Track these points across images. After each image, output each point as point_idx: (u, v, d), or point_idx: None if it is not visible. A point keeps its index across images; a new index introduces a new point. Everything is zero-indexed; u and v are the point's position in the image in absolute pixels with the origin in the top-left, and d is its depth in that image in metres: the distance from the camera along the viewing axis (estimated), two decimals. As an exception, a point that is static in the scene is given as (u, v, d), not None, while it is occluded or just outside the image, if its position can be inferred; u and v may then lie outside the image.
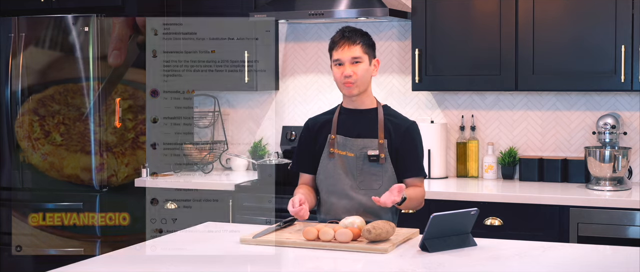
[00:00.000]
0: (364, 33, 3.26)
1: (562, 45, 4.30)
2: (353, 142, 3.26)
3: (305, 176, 3.39)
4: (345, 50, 3.20)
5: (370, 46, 3.26)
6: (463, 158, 4.78)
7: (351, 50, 3.20)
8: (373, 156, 3.23)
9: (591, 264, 2.76)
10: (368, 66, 3.23)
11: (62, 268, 2.64)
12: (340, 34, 3.25)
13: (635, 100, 4.50)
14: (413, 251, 2.87)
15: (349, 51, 3.20)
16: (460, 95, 4.82)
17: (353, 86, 3.22)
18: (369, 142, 3.25)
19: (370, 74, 3.25)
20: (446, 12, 4.50)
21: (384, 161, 3.23)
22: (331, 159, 3.27)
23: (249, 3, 4.87)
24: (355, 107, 3.30)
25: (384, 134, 3.24)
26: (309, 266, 2.78)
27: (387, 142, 3.24)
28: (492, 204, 4.15)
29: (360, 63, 3.21)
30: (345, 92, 3.25)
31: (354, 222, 2.97)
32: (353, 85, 3.21)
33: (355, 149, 3.25)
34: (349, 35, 3.22)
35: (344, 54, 3.20)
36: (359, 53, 3.21)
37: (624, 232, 3.95)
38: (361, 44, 3.22)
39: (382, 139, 3.24)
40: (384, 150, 3.23)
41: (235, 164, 5.19)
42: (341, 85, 3.24)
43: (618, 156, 4.23)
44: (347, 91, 3.24)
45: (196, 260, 2.83)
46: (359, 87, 3.23)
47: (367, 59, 3.23)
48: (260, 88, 4.96)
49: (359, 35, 3.24)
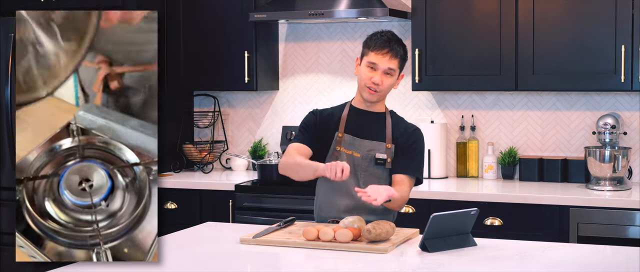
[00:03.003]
0: (405, 46, 3.24)
1: (562, 45, 4.30)
2: (361, 142, 3.25)
3: (305, 148, 3.27)
4: (386, 59, 3.16)
5: (405, 60, 3.24)
6: (463, 158, 4.78)
7: (391, 61, 3.17)
8: (380, 160, 3.22)
9: (591, 264, 2.76)
10: (395, 80, 3.23)
11: (63, 268, 2.64)
12: (386, 40, 3.18)
13: (635, 100, 4.50)
14: (413, 251, 2.87)
15: (388, 61, 3.17)
16: (460, 95, 4.82)
17: (375, 94, 3.21)
18: (377, 145, 3.24)
19: (393, 86, 3.25)
20: (446, 12, 4.50)
21: (389, 165, 3.23)
22: (337, 157, 3.25)
23: (248, 3, 4.87)
24: (366, 109, 3.29)
25: (392, 140, 3.25)
26: (309, 266, 2.78)
27: (394, 148, 3.25)
28: (492, 204, 4.16)
29: (391, 76, 3.20)
30: (366, 96, 3.24)
31: (354, 222, 2.97)
32: (376, 93, 3.21)
33: (362, 150, 3.25)
34: (394, 46, 3.18)
35: (382, 62, 3.17)
36: (395, 66, 3.18)
37: (624, 232, 3.95)
38: (399, 58, 3.20)
39: (390, 144, 3.24)
40: (391, 155, 3.24)
41: (235, 164, 5.19)
42: (365, 87, 3.22)
43: (618, 155, 4.23)
44: (369, 96, 3.22)
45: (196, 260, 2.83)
46: (379, 96, 3.23)
47: (398, 73, 3.22)
48: (260, 88, 4.97)
49: (402, 47, 3.21)
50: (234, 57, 4.91)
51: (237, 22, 4.89)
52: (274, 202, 4.51)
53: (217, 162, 5.25)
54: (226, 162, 5.26)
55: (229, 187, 4.64)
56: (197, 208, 4.71)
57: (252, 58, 4.89)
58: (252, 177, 4.85)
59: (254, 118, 5.27)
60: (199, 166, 5.14)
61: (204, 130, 5.33)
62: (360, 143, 3.25)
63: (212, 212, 4.62)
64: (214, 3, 4.95)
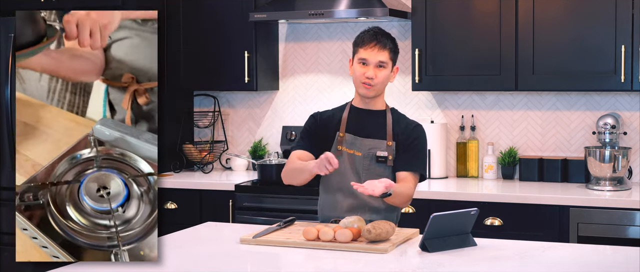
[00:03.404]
0: (393, 38, 3.26)
1: (562, 45, 4.30)
2: (362, 141, 3.26)
3: (304, 155, 3.29)
4: (374, 52, 3.19)
5: (396, 53, 3.26)
6: (463, 158, 4.78)
7: (380, 54, 3.19)
8: (381, 157, 3.23)
9: (591, 264, 2.76)
10: (389, 73, 3.23)
11: (63, 268, 2.64)
12: (372, 34, 3.22)
13: (635, 100, 4.50)
14: (413, 251, 2.87)
15: (377, 54, 3.19)
16: (460, 95, 4.82)
17: (371, 89, 3.22)
18: (378, 143, 3.25)
19: (389, 79, 3.25)
20: (446, 12, 4.50)
21: (391, 162, 3.24)
22: (338, 156, 3.26)
23: (248, 3, 4.87)
24: (366, 108, 3.30)
25: (393, 137, 3.25)
26: (309, 266, 2.78)
27: (395, 145, 3.25)
28: (492, 204, 4.16)
29: (384, 68, 3.21)
30: (363, 93, 3.24)
31: (354, 222, 2.97)
32: (372, 88, 3.21)
33: (364, 148, 3.25)
34: (381, 38, 3.20)
35: (372, 56, 3.19)
36: (386, 58, 3.20)
37: (624, 232, 3.95)
38: (389, 49, 3.21)
39: (390, 141, 3.24)
40: (392, 152, 3.24)
41: (235, 164, 5.19)
42: (360, 84, 3.23)
43: (618, 156, 4.23)
44: (365, 92, 3.23)
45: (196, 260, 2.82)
46: (376, 91, 3.24)
47: (391, 65, 3.23)
48: (260, 88, 4.97)
49: (390, 40, 3.23)
50: (234, 57, 4.91)
51: (237, 22, 4.89)
52: (274, 202, 4.51)
53: (217, 162, 5.25)
54: (226, 162, 5.26)
55: (229, 187, 4.64)
56: (197, 208, 4.71)
57: (252, 58, 4.89)
58: (252, 177, 4.85)
59: (254, 118, 5.27)
60: (199, 166, 5.14)
61: (204, 130, 5.33)
62: (361, 142, 3.26)
63: (212, 212, 4.62)
64: (214, 3, 4.95)
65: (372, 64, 3.19)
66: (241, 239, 3.02)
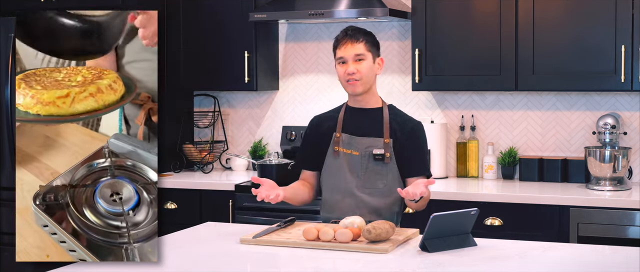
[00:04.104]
0: (368, 32, 3.27)
1: (562, 45, 4.30)
2: (358, 140, 3.26)
3: (307, 173, 3.40)
4: (348, 48, 3.21)
5: (374, 44, 3.26)
6: (463, 158, 4.78)
7: (354, 47, 3.20)
8: (378, 155, 3.23)
9: (591, 264, 2.76)
10: (372, 64, 3.23)
11: (63, 268, 2.64)
12: (343, 32, 3.26)
13: (635, 100, 4.50)
14: (413, 251, 2.87)
15: (352, 48, 3.20)
16: (460, 95, 4.82)
17: (357, 84, 3.22)
18: (375, 141, 3.25)
19: (374, 72, 3.25)
20: (446, 12, 4.50)
21: (389, 160, 3.23)
22: (336, 157, 3.27)
23: (248, 3, 4.87)
24: (360, 106, 3.30)
25: (389, 134, 3.25)
26: (309, 266, 2.78)
27: (392, 142, 3.25)
28: (492, 204, 4.16)
29: (363, 60, 3.21)
30: (350, 91, 3.25)
31: (354, 222, 2.97)
32: (357, 82, 3.22)
33: (361, 147, 3.25)
34: (351, 33, 3.23)
35: (347, 52, 3.21)
36: (362, 50, 3.21)
37: (624, 232, 3.95)
38: (364, 41, 3.22)
39: (387, 138, 3.24)
40: (389, 149, 3.24)
41: (235, 164, 5.19)
42: (345, 83, 3.24)
43: (618, 155, 4.23)
44: (352, 89, 3.24)
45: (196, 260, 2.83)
46: (363, 85, 3.23)
47: (371, 57, 3.23)
48: (260, 88, 4.97)
49: (362, 33, 3.25)
50: (234, 57, 4.91)
51: (237, 22, 4.89)
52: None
53: (217, 162, 5.25)
54: (226, 162, 5.26)
55: (229, 187, 4.64)
56: (197, 208, 4.71)
57: (252, 58, 4.89)
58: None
59: (254, 118, 5.27)
60: (199, 166, 5.14)
61: (204, 130, 5.33)
62: (358, 141, 3.26)
63: (212, 212, 4.62)
64: (214, 3, 4.95)
65: (349, 59, 3.21)
66: (241, 239, 3.02)
